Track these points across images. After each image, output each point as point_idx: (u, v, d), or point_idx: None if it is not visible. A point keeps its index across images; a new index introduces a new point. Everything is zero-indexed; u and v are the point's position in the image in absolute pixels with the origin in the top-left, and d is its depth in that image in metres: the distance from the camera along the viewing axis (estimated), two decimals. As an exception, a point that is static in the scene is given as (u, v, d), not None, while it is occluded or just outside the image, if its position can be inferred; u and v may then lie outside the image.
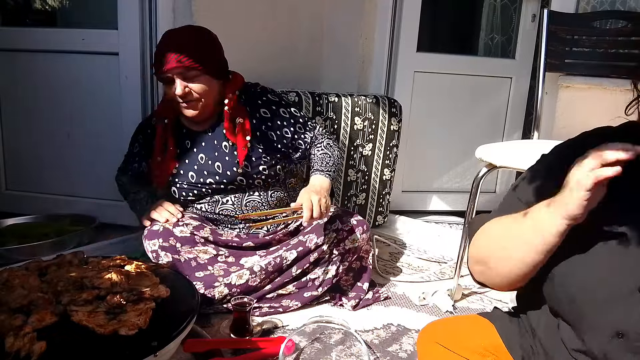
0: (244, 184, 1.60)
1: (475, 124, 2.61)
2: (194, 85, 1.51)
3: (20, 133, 2.10)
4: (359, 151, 2.24)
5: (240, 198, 1.62)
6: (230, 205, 1.61)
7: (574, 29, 1.93)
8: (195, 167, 1.60)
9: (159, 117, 1.62)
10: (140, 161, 1.68)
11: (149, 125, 1.68)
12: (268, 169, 1.60)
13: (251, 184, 1.61)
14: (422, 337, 0.94)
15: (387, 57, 2.44)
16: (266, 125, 1.63)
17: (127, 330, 0.98)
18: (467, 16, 3.03)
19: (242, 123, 1.58)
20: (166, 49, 1.48)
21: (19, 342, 0.91)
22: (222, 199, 1.62)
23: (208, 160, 1.60)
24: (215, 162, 1.60)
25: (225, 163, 1.59)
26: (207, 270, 1.52)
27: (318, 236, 1.57)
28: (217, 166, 1.59)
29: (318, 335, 1.42)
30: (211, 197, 1.62)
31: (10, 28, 2.10)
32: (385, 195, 2.35)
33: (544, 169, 0.86)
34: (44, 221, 2.00)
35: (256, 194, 1.63)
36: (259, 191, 1.63)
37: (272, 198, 1.65)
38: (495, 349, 0.86)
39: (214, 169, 1.60)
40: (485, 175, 1.63)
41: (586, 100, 2.05)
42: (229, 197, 1.62)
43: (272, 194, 1.65)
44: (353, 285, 1.66)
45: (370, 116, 2.21)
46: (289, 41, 2.27)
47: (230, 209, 1.62)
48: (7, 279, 1.12)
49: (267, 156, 1.61)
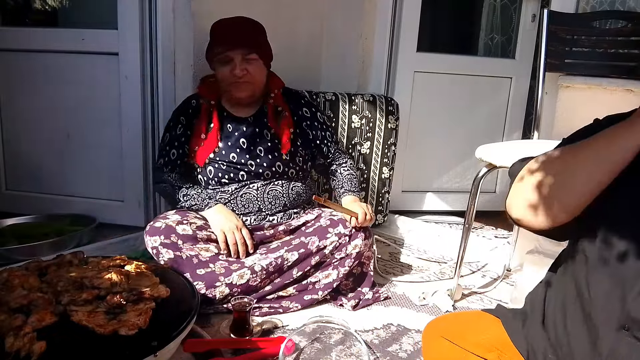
0: (279, 171, 1.68)
1: (475, 124, 2.61)
2: (251, 67, 1.62)
3: (20, 133, 2.10)
4: (357, 149, 2.25)
5: (265, 186, 1.67)
6: (254, 191, 1.66)
7: (573, 29, 1.93)
8: (237, 149, 1.67)
9: (204, 97, 1.69)
10: (184, 144, 1.69)
11: (189, 106, 1.71)
12: (303, 162, 1.74)
13: (286, 172, 1.69)
14: (428, 331, 0.95)
15: (387, 57, 2.44)
16: (306, 123, 1.79)
17: (127, 330, 0.98)
18: (467, 16, 3.03)
19: (286, 116, 1.73)
20: (228, 30, 1.62)
21: (19, 342, 0.91)
22: (249, 184, 1.66)
23: (250, 145, 1.68)
24: (257, 147, 1.68)
25: (267, 148, 1.68)
26: (209, 267, 1.52)
27: (320, 239, 1.58)
28: (259, 150, 1.68)
29: (318, 335, 1.42)
30: (243, 181, 1.66)
31: (10, 28, 2.10)
32: (385, 194, 2.35)
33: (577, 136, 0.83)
34: (44, 221, 2.00)
35: (279, 185, 1.69)
36: (283, 182, 1.69)
37: (292, 192, 1.71)
38: (500, 344, 0.86)
39: (257, 152, 1.68)
40: (485, 175, 1.63)
41: (586, 100, 2.04)
42: (256, 184, 1.66)
43: (293, 188, 1.71)
44: (353, 290, 1.66)
45: (368, 114, 2.22)
46: (289, 41, 2.27)
47: (253, 195, 1.66)
48: (7, 279, 1.12)
49: (304, 150, 1.76)
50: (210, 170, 1.66)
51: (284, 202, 1.69)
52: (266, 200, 1.67)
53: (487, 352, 0.84)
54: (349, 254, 1.58)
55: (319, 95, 2.16)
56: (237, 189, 1.66)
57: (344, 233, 1.58)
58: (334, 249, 1.58)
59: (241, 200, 1.66)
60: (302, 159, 1.74)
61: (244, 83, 1.62)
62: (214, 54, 1.63)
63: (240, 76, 1.60)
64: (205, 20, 1.91)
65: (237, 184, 1.66)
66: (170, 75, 1.92)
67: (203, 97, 1.69)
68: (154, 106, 1.96)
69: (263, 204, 1.67)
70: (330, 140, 1.84)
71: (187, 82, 1.92)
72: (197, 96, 1.72)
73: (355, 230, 1.59)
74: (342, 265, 1.59)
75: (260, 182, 1.67)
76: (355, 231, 1.59)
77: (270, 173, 1.67)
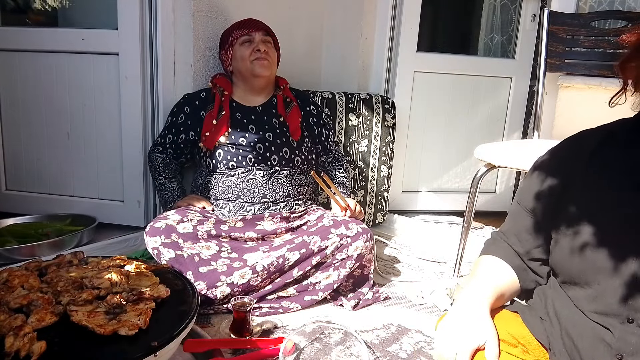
0: (285, 157, 1.75)
1: (475, 124, 2.61)
2: (269, 48, 1.78)
3: (20, 133, 2.10)
4: (355, 147, 2.25)
5: (270, 174, 1.72)
6: (259, 177, 1.71)
7: (573, 29, 1.93)
8: (246, 133, 1.75)
9: (219, 87, 1.80)
10: (182, 132, 1.78)
11: (197, 98, 1.81)
12: (308, 153, 1.82)
13: (292, 159, 1.76)
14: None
15: (387, 57, 2.44)
16: (313, 120, 1.89)
17: (127, 330, 0.98)
18: (467, 16, 3.03)
19: (295, 106, 1.85)
20: (249, 20, 1.81)
21: (19, 342, 0.91)
22: (255, 170, 1.71)
23: (259, 129, 1.77)
24: (267, 132, 1.77)
25: (276, 134, 1.77)
26: (210, 265, 1.52)
27: (322, 239, 1.58)
28: (268, 135, 1.76)
29: (318, 335, 1.42)
30: (250, 165, 1.71)
31: (10, 28, 2.09)
32: (384, 192, 2.35)
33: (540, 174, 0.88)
34: (44, 221, 2.00)
35: (283, 175, 1.74)
36: (287, 172, 1.75)
37: (296, 182, 1.77)
38: (522, 337, 0.86)
39: (265, 137, 1.76)
40: (484, 175, 1.63)
41: (586, 100, 2.05)
42: (262, 171, 1.71)
43: (296, 179, 1.77)
44: (353, 292, 1.66)
45: (364, 112, 2.24)
46: (289, 41, 2.27)
47: (259, 181, 1.71)
48: (7, 279, 1.12)
49: (310, 141, 1.85)
50: (220, 153, 1.72)
51: (287, 191, 1.73)
52: (271, 188, 1.71)
53: (511, 347, 0.83)
54: (349, 256, 1.58)
55: (316, 94, 2.17)
56: (244, 174, 1.70)
57: (346, 234, 1.58)
58: (335, 249, 1.58)
59: (247, 186, 1.70)
60: (308, 149, 1.82)
61: (265, 60, 1.74)
62: (236, 36, 1.77)
63: (262, 51, 1.73)
64: (205, 21, 1.91)
65: (243, 168, 1.70)
66: (170, 75, 1.92)
67: (219, 86, 1.80)
68: (154, 106, 1.96)
69: (267, 191, 1.70)
70: (332, 140, 1.95)
71: (187, 82, 1.93)
72: (208, 89, 1.82)
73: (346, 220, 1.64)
74: (342, 266, 1.59)
75: (267, 169, 1.72)
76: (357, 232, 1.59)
77: (277, 158, 1.74)
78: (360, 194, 2.31)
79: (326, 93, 2.21)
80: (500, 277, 0.92)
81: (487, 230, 2.45)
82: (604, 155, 0.82)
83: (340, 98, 2.22)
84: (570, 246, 0.81)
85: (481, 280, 0.90)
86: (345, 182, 1.92)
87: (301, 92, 1.96)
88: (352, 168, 2.27)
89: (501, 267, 0.93)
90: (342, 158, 1.99)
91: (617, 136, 0.82)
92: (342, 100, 2.22)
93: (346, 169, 1.97)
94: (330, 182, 1.66)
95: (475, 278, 0.91)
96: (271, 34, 1.83)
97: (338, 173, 1.93)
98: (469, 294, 0.87)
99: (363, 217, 1.77)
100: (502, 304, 0.91)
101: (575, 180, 0.83)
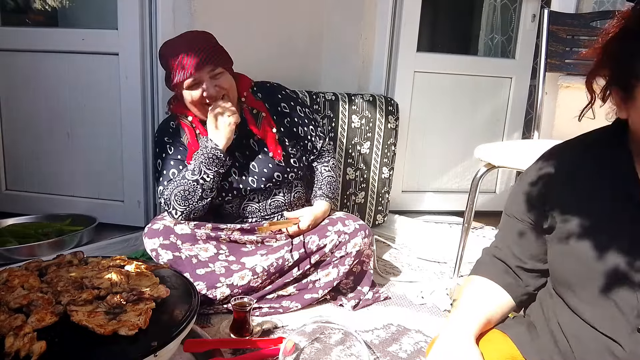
0: (279, 180, 1.63)
1: (475, 124, 2.61)
2: (221, 81, 1.53)
3: (20, 133, 2.10)
4: (357, 149, 2.25)
5: (266, 199, 1.65)
6: (256, 204, 1.65)
7: (573, 29, 1.93)
8: (229, 177, 1.59)
9: (180, 114, 1.59)
10: (181, 161, 1.58)
11: (168, 127, 1.62)
12: (298, 161, 1.67)
13: (285, 178, 1.64)
14: None
15: (387, 57, 2.44)
16: (287, 120, 1.69)
17: (127, 330, 0.98)
18: (467, 16, 3.03)
19: (264, 117, 1.63)
20: (185, 55, 1.47)
21: (19, 342, 0.91)
22: (251, 197, 1.64)
23: (242, 165, 1.62)
24: (250, 163, 1.62)
25: (260, 161, 1.62)
26: (208, 267, 1.52)
27: (320, 237, 1.58)
28: (252, 166, 1.62)
29: (318, 335, 1.42)
30: (246, 195, 1.63)
31: (10, 28, 2.09)
32: (385, 194, 2.35)
33: (526, 185, 0.90)
34: (44, 221, 2.00)
35: (280, 195, 1.66)
36: (284, 191, 1.67)
37: (294, 198, 1.70)
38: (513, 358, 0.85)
39: (250, 169, 1.62)
40: (483, 175, 1.63)
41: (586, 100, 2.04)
42: (257, 196, 1.64)
43: (295, 194, 1.70)
44: (353, 289, 1.66)
45: (368, 114, 2.22)
46: (289, 41, 2.27)
47: (256, 207, 1.65)
48: (7, 279, 1.12)
49: (294, 148, 1.67)
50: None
51: (285, 208, 1.69)
52: (269, 210, 1.67)
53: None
54: (348, 253, 1.58)
55: (319, 95, 2.16)
56: (239, 204, 1.64)
57: (344, 231, 1.58)
58: (333, 247, 1.58)
59: (244, 213, 1.66)
60: (296, 159, 1.66)
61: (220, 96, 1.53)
62: (178, 84, 1.51)
63: (215, 95, 1.51)
64: (205, 20, 1.91)
65: (239, 200, 1.64)
66: (170, 75, 1.92)
67: (180, 114, 1.60)
68: (154, 106, 1.96)
69: (266, 213, 1.67)
70: (314, 134, 1.73)
71: (187, 82, 1.92)
72: (174, 116, 1.63)
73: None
74: (342, 263, 1.59)
75: (263, 195, 1.64)
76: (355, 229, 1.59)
77: (272, 184, 1.64)
78: (360, 195, 2.31)
79: (329, 94, 2.18)
80: (486, 303, 0.91)
81: (487, 230, 2.44)
82: (581, 171, 0.84)
83: (343, 99, 2.19)
84: (562, 250, 0.82)
85: (465, 311, 0.89)
86: (332, 182, 1.73)
87: (268, 89, 1.70)
88: (353, 170, 2.26)
89: (488, 290, 0.92)
90: (328, 153, 1.78)
91: (593, 149, 0.85)
92: (344, 102, 2.19)
93: (332, 165, 1.78)
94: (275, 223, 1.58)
95: (460, 308, 0.91)
96: (218, 62, 1.51)
97: (324, 172, 1.75)
98: (452, 327, 0.86)
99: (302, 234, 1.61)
100: (489, 328, 0.90)
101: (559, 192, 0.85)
